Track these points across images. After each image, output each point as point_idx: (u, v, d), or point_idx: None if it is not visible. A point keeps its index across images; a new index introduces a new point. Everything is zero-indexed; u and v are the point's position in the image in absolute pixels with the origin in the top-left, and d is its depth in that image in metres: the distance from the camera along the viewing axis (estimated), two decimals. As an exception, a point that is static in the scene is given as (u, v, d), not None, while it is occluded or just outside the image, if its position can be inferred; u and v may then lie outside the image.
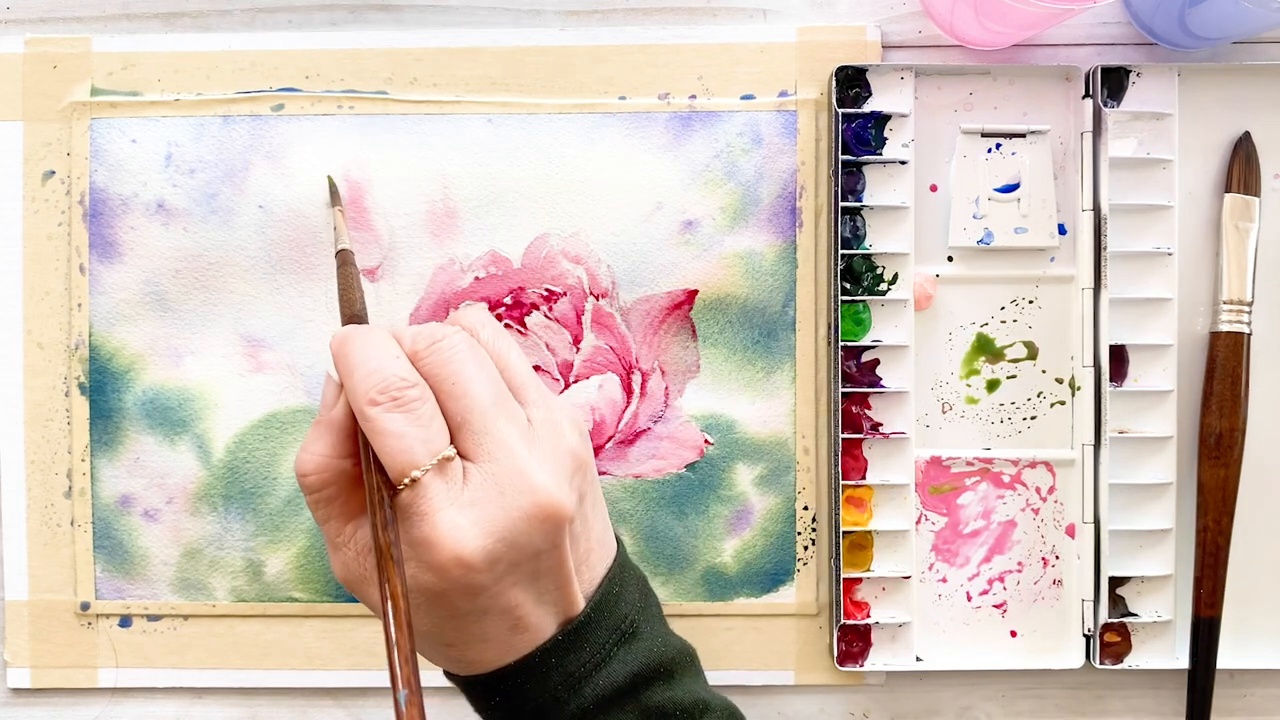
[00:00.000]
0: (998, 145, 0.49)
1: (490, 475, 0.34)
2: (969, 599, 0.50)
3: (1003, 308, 0.50)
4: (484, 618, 0.35)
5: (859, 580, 0.49)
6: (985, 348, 0.49)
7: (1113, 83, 0.49)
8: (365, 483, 0.35)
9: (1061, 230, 0.49)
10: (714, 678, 0.50)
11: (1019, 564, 0.50)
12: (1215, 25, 0.47)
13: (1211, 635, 0.48)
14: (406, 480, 0.33)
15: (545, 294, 0.49)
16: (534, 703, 0.36)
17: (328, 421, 0.36)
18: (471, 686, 0.37)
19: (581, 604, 0.36)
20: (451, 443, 0.34)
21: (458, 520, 0.33)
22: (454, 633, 0.35)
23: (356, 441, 0.36)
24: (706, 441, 0.50)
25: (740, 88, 0.49)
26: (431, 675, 0.50)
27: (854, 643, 0.49)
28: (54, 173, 0.50)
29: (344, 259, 0.44)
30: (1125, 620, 0.49)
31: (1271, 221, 0.49)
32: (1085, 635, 0.49)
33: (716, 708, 0.39)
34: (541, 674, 0.36)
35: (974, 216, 0.49)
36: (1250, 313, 0.48)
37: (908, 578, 0.49)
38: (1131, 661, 0.49)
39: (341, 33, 0.50)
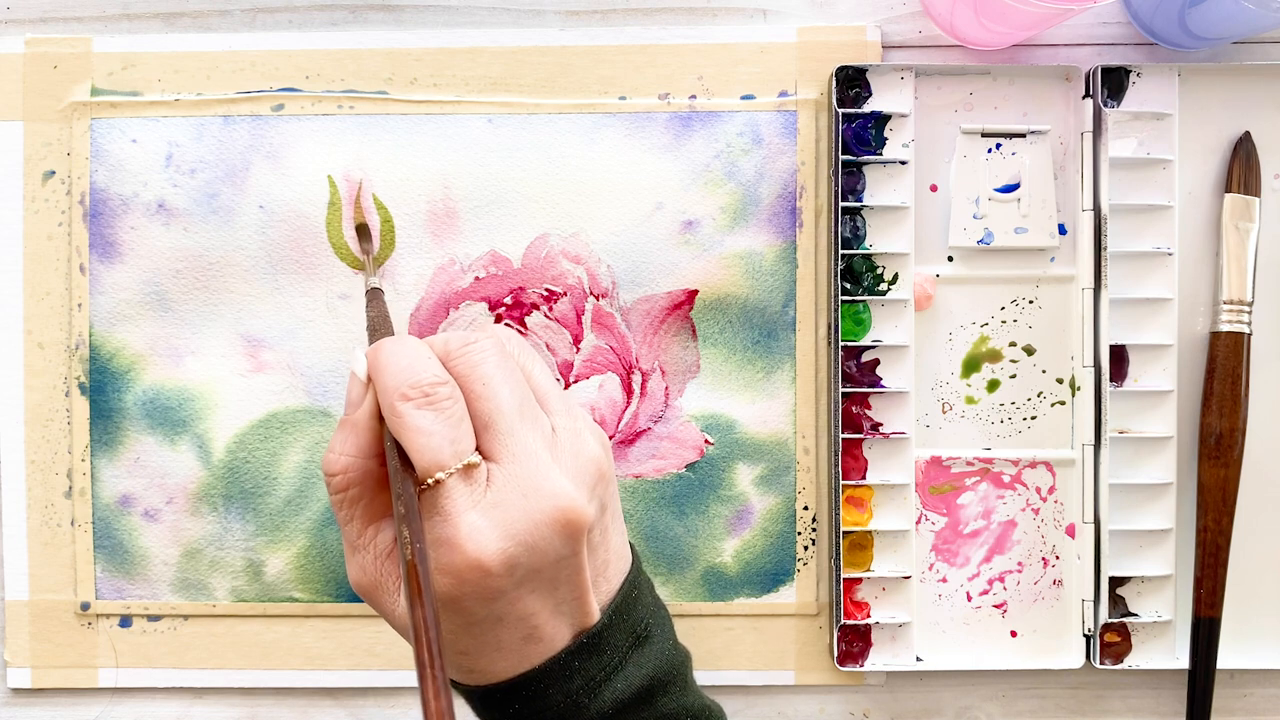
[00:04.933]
0: (998, 145, 0.49)
1: (513, 478, 0.34)
2: (969, 599, 0.50)
3: (1003, 308, 0.50)
4: (499, 625, 0.34)
5: (859, 580, 0.49)
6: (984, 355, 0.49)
7: (1113, 83, 0.49)
8: (390, 482, 0.34)
9: (1061, 230, 0.49)
10: (714, 677, 0.50)
11: (1019, 564, 0.50)
12: (1215, 25, 0.47)
13: (1211, 635, 0.48)
14: (430, 480, 0.33)
15: (545, 294, 0.49)
16: (555, 708, 0.36)
17: (353, 421, 0.36)
18: (486, 695, 0.36)
19: (597, 615, 0.36)
20: (476, 446, 0.34)
21: (478, 523, 0.33)
22: (467, 640, 0.35)
23: (381, 441, 0.36)
24: (706, 441, 0.50)
25: (740, 88, 0.49)
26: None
27: (854, 643, 0.49)
28: (54, 173, 0.50)
29: (374, 296, 0.45)
30: (1125, 620, 0.49)
31: (1271, 221, 0.49)
32: (1085, 635, 0.49)
33: (717, 714, 0.39)
34: (564, 678, 0.35)
35: (974, 216, 0.49)
36: (1250, 313, 0.48)
37: (908, 578, 0.49)
38: (1132, 661, 0.49)
39: (341, 33, 0.50)
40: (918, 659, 0.50)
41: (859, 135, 0.49)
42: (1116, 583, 0.49)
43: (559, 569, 0.34)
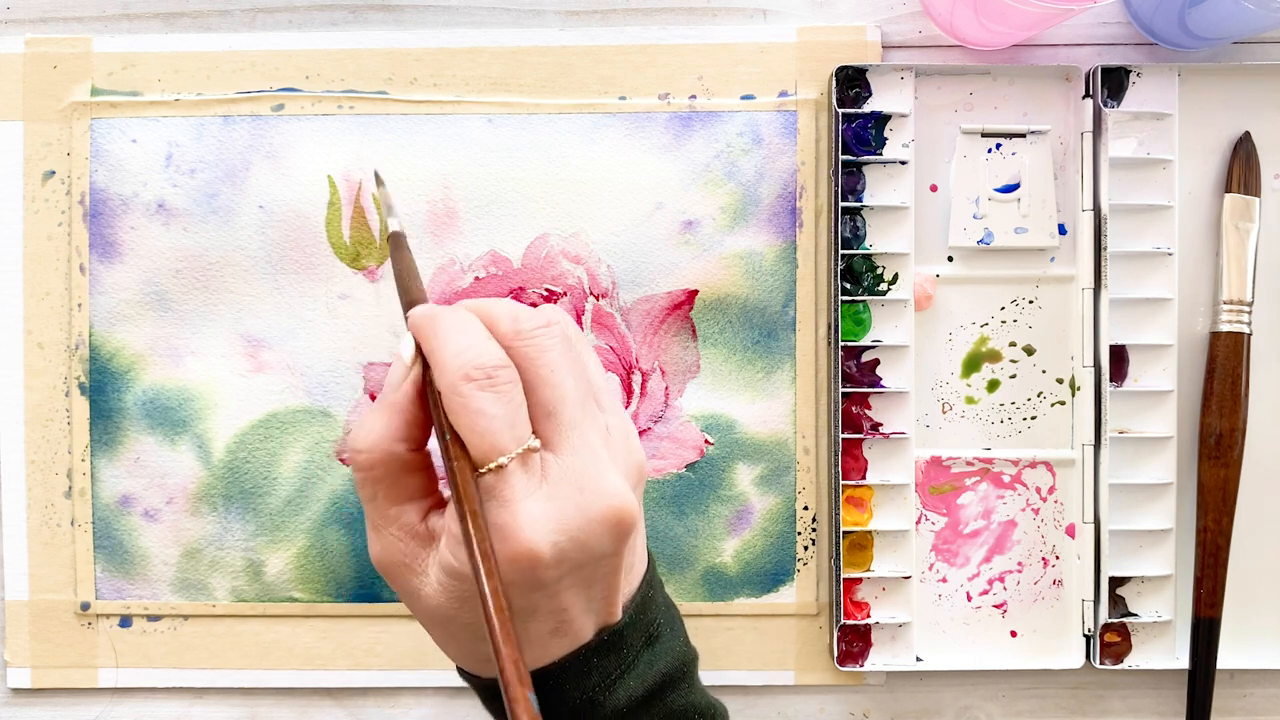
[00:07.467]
0: (998, 145, 0.49)
1: (569, 470, 0.33)
2: (969, 599, 0.50)
3: (1003, 308, 0.50)
4: (532, 617, 0.34)
5: (859, 580, 0.49)
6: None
7: (1113, 83, 0.49)
8: (447, 466, 0.34)
9: (1061, 230, 0.49)
10: (714, 677, 0.50)
11: (1019, 564, 0.50)
12: (1215, 25, 0.47)
13: (1211, 635, 0.48)
14: (492, 465, 0.33)
15: (545, 294, 0.49)
16: (570, 704, 0.35)
17: (391, 402, 0.35)
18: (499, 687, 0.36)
19: (620, 614, 0.36)
20: (534, 431, 0.34)
21: (534, 512, 0.32)
22: None
23: (415, 426, 0.35)
24: (707, 441, 0.50)
25: (740, 88, 0.49)
26: (439, 675, 0.50)
27: (854, 643, 0.49)
28: (54, 173, 0.50)
29: (397, 242, 0.41)
30: (1125, 620, 0.49)
31: (1271, 221, 0.49)
32: (1085, 635, 0.49)
33: (722, 713, 0.39)
34: (582, 674, 0.35)
35: (974, 216, 0.49)
36: (1250, 313, 0.48)
37: (908, 578, 0.49)
38: (1131, 661, 0.49)
39: (341, 33, 0.50)
40: (918, 659, 0.50)
41: (859, 135, 0.49)
42: (1116, 583, 0.49)
43: (599, 566, 0.34)
